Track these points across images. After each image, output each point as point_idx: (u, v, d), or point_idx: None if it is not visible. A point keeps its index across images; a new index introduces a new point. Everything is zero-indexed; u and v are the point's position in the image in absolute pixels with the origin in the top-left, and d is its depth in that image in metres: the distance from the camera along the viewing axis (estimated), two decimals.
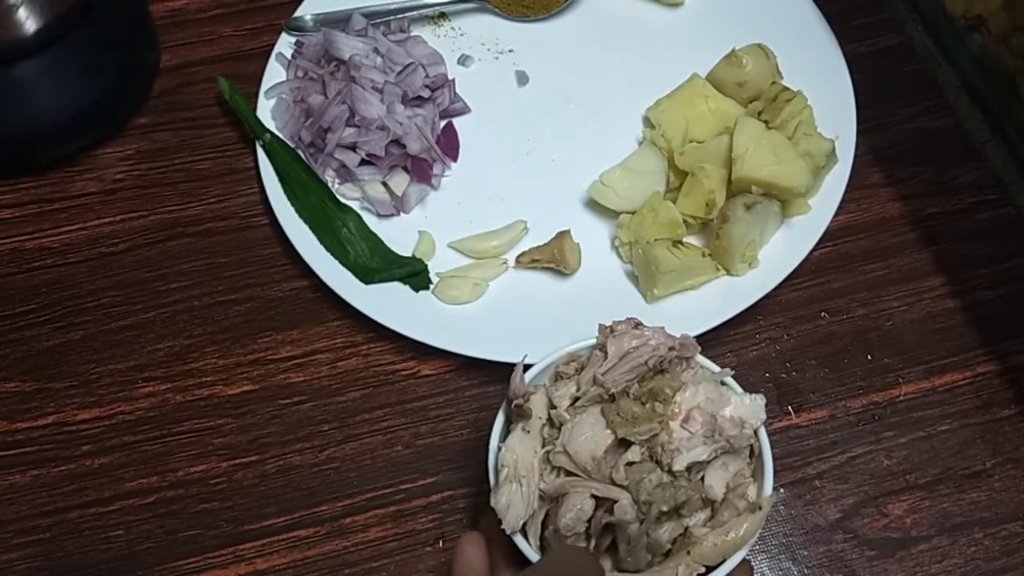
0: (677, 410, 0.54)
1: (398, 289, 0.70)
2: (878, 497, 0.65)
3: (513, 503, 0.53)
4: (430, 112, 0.76)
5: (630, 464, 0.53)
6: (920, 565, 0.63)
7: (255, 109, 0.77)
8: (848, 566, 0.63)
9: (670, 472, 0.53)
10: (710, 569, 0.53)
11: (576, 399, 0.55)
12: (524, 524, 0.54)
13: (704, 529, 0.53)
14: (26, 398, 0.68)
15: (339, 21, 0.80)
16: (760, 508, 0.54)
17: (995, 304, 0.71)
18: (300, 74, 0.78)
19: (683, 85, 0.76)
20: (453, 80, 0.78)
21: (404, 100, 0.75)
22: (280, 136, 0.76)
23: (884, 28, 0.83)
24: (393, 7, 0.81)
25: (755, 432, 0.55)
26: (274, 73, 0.78)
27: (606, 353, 0.55)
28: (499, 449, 0.55)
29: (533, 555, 0.54)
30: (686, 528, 0.53)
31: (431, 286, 0.70)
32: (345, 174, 0.74)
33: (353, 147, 0.74)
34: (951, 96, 0.80)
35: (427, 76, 0.76)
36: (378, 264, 0.71)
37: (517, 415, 0.56)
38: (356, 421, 0.68)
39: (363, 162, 0.74)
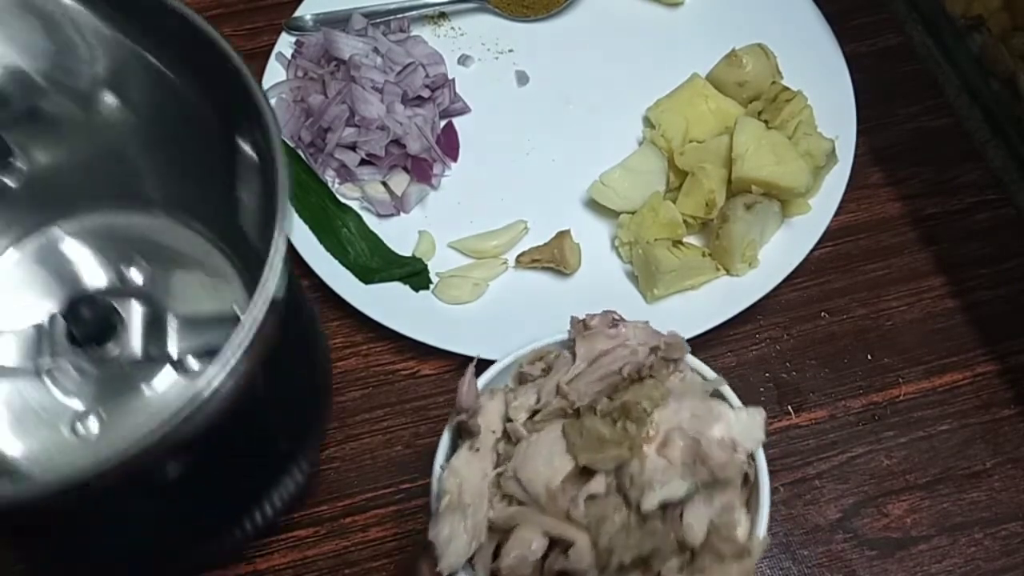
0: (653, 432, 0.45)
1: (398, 289, 0.70)
2: (878, 497, 0.65)
3: (455, 537, 0.45)
4: (430, 112, 0.76)
5: (592, 498, 0.44)
6: (920, 565, 0.63)
7: None
8: (848, 566, 0.63)
9: (638, 511, 0.44)
10: None
11: (535, 412, 0.47)
12: (472, 558, 0.46)
13: None
14: None
15: (339, 21, 0.80)
16: (749, 554, 0.44)
17: (995, 304, 0.71)
18: (300, 74, 0.78)
19: (683, 85, 0.76)
20: (453, 80, 0.78)
21: (404, 100, 0.75)
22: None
23: (884, 28, 0.83)
24: (393, 7, 0.81)
25: (751, 456, 0.46)
26: (274, 73, 0.78)
27: (575, 355, 0.47)
28: (441, 471, 0.47)
29: None
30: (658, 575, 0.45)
31: (431, 286, 0.70)
32: (345, 174, 0.74)
33: (353, 147, 0.74)
34: (951, 96, 0.80)
35: (427, 76, 0.76)
36: (378, 264, 0.71)
37: (464, 431, 0.48)
38: (356, 421, 0.68)
39: (363, 162, 0.74)
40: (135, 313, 0.54)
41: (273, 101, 0.77)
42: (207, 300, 0.58)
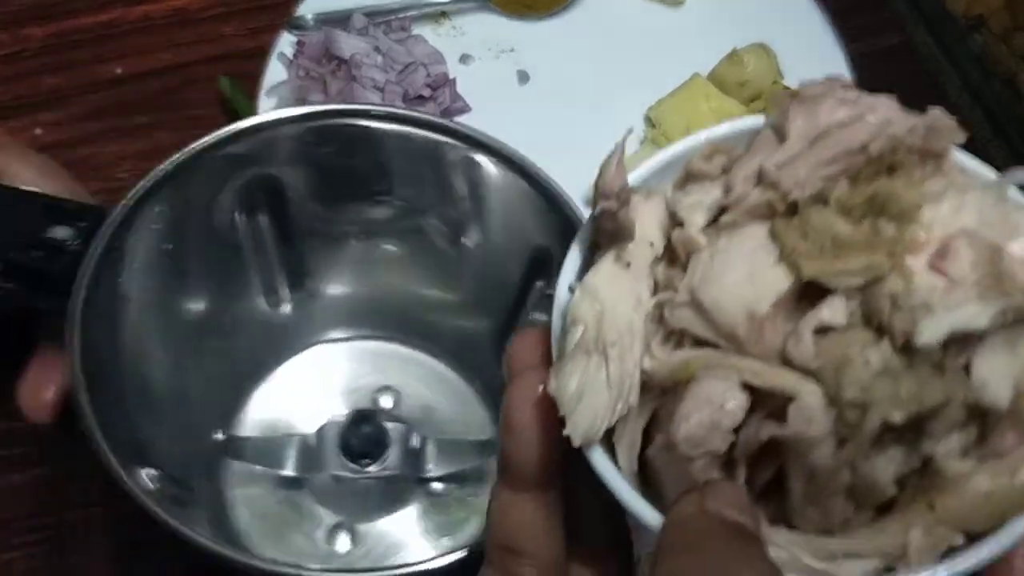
0: (923, 237, 0.29)
1: None
2: None
3: (590, 390, 0.29)
4: (431, 111, 0.75)
5: (824, 331, 0.28)
6: None
7: (256, 109, 0.77)
8: None
9: (906, 350, 0.27)
10: (972, 539, 0.28)
11: (722, 211, 0.31)
12: (611, 432, 0.30)
13: (966, 463, 0.28)
14: None
15: (340, 20, 0.80)
16: None
17: None
18: (301, 73, 0.78)
19: (684, 84, 0.76)
20: (454, 79, 0.78)
21: (405, 99, 0.75)
22: None
23: (885, 27, 0.83)
24: (394, 6, 0.81)
25: None
26: (275, 72, 0.78)
27: (783, 135, 0.31)
28: (570, 293, 0.31)
29: (629, 496, 0.29)
30: (927, 459, 0.28)
31: None
32: None
33: None
34: (953, 96, 0.80)
35: (428, 75, 0.76)
36: None
37: (606, 234, 0.32)
38: None
39: None
40: (397, 434, 0.57)
41: (274, 100, 0.77)
42: (452, 426, 0.62)
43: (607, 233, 0.31)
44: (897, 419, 0.26)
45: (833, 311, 0.28)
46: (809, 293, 0.28)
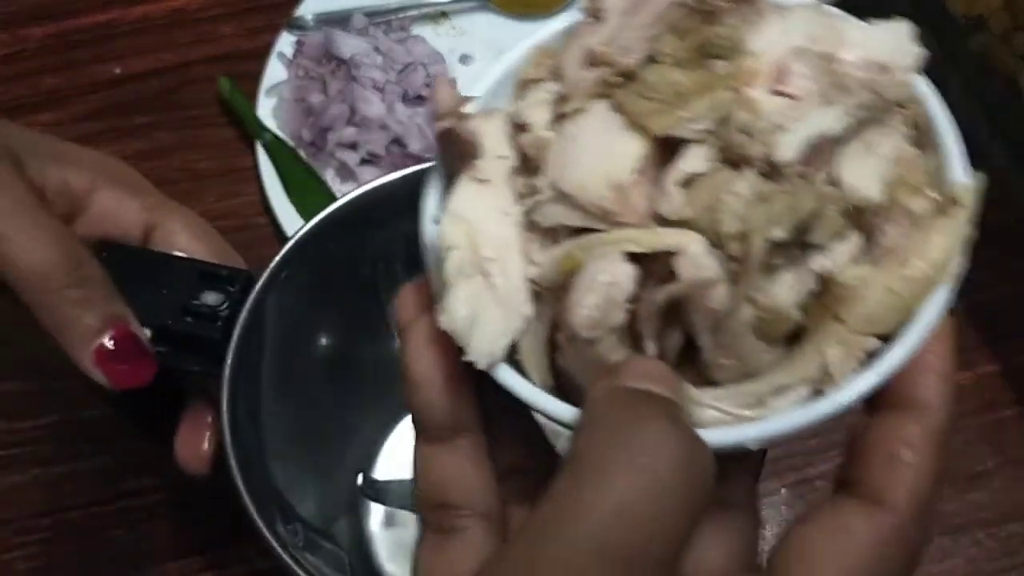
0: (757, 66, 0.30)
1: None
2: None
3: (481, 312, 0.29)
4: (431, 111, 0.76)
5: (689, 180, 0.28)
6: (920, 565, 0.63)
7: (255, 108, 0.77)
8: None
9: (771, 174, 0.28)
10: (886, 341, 0.29)
11: (562, 101, 0.31)
12: (513, 350, 0.30)
13: (860, 269, 0.29)
14: (27, 397, 0.68)
15: (340, 20, 0.80)
16: (956, 202, 0.29)
17: (998, 305, 0.71)
18: (301, 73, 0.78)
19: None
20: (454, 79, 0.78)
21: (405, 99, 0.75)
22: (280, 135, 0.76)
23: None
24: (394, 6, 0.81)
25: (909, 83, 0.31)
26: (275, 72, 0.78)
27: (600, 15, 0.32)
28: (436, 223, 0.31)
29: (541, 398, 0.29)
30: (824, 279, 0.29)
31: None
32: (346, 173, 0.74)
33: (354, 146, 0.74)
34: (953, 96, 0.79)
35: (427, 75, 0.76)
36: None
37: (455, 157, 0.31)
38: None
39: (363, 161, 0.74)
40: None
41: (273, 100, 0.77)
42: None
43: (456, 156, 0.31)
44: (780, 234, 0.27)
45: (691, 160, 0.28)
46: (666, 152, 0.29)
